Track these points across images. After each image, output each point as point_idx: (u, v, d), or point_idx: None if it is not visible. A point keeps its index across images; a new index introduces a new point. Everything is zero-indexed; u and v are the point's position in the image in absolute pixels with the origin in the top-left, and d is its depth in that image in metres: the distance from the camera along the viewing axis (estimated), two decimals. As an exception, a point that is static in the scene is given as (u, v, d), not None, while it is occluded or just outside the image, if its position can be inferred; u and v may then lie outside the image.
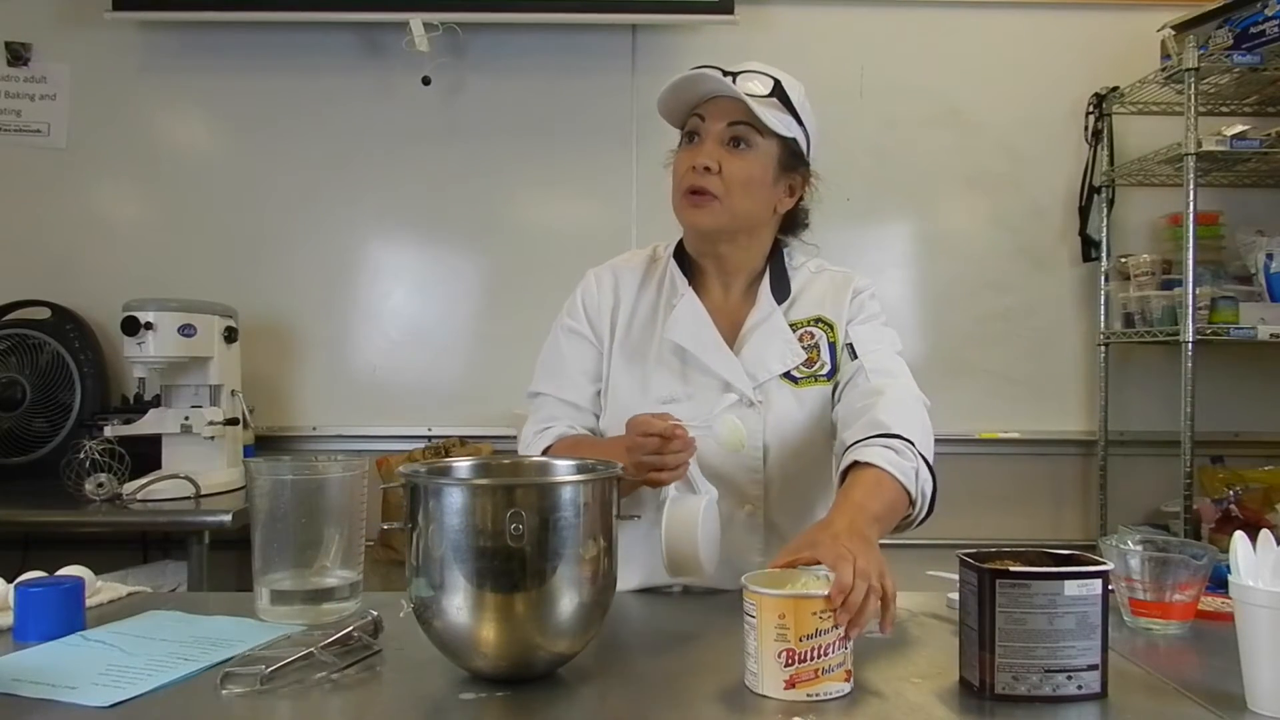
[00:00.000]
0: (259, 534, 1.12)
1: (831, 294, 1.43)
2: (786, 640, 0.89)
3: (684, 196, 1.35)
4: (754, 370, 1.36)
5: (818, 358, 1.39)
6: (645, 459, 1.15)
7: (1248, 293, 2.51)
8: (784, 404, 1.36)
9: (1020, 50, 2.85)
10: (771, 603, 0.90)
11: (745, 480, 1.35)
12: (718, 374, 1.36)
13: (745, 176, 1.33)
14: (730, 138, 1.33)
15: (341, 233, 2.85)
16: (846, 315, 1.41)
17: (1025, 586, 0.89)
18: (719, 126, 1.33)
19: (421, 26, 2.65)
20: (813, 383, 1.38)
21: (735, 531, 1.34)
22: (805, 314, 1.41)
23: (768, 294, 1.41)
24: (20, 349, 2.60)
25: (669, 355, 1.38)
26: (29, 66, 2.83)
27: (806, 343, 1.39)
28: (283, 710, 0.88)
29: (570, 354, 1.45)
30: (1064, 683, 0.89)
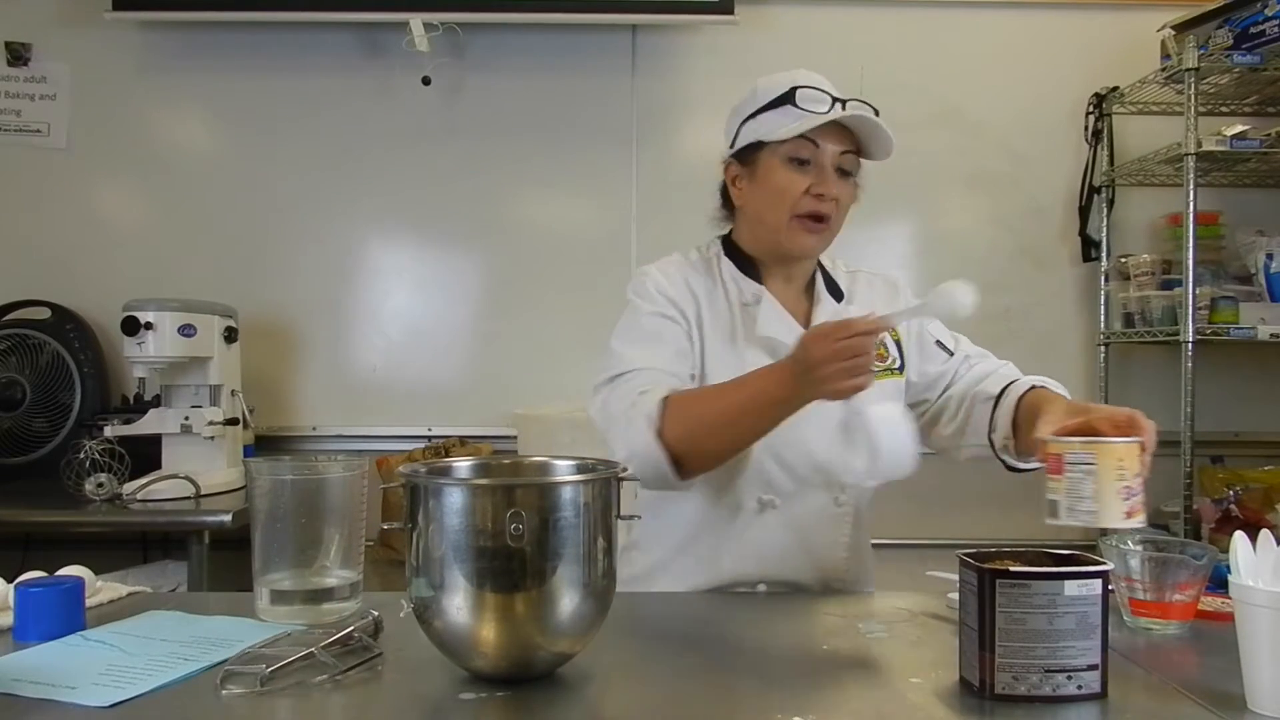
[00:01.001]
0: (259, 534, 1.12)
1: (882, 295, 1.51)
2: (1124, 479, 1.02)
3: (798, 220, 1.37)
4: None
5: (886, 354, 1.45)
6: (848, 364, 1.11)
7: (1248, 293, 2.51)
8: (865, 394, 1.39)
9: (1020, 50, 2.85)
10: (1114, 449, 1.03)
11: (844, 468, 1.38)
12: None
13: (849, 202, 1.40)
14: (839, 165, 1.37)
15: (341, 233, 2.85)
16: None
17: (1025, 586, 0.89)
18: (835, 154, 1.36)
19: (421, 26, 2.65)
20: (888, 375, 1.44)
21: (824, 523, 1.42)
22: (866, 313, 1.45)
23: (825, 293, 1.47)
24: (20, 349, 2.60)
25: (761, 352, 1.39)
26: (29, 66, 2.83)
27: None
28: (283, 710, 0.88)
29: (666, 333, 1.39)
30: (1064, 683, 0.89)
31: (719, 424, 1.25)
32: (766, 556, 1.39)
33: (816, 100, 1.35)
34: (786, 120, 1.35)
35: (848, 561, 1.43)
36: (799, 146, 1.36)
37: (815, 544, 1.41)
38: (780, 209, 1.37)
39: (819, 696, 0.92)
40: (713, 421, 1.25)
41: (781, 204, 1.37)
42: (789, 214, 1.37)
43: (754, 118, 1.39)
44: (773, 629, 1.16)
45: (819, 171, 1.36)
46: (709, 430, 1.25)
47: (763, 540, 1.39)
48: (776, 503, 1.39)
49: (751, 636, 1.13)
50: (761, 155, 1.39)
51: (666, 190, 2.77)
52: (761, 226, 1.42)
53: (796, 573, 1.40)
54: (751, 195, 1.42)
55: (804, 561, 1.40)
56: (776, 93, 1.38)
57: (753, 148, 1.40)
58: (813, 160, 1.36)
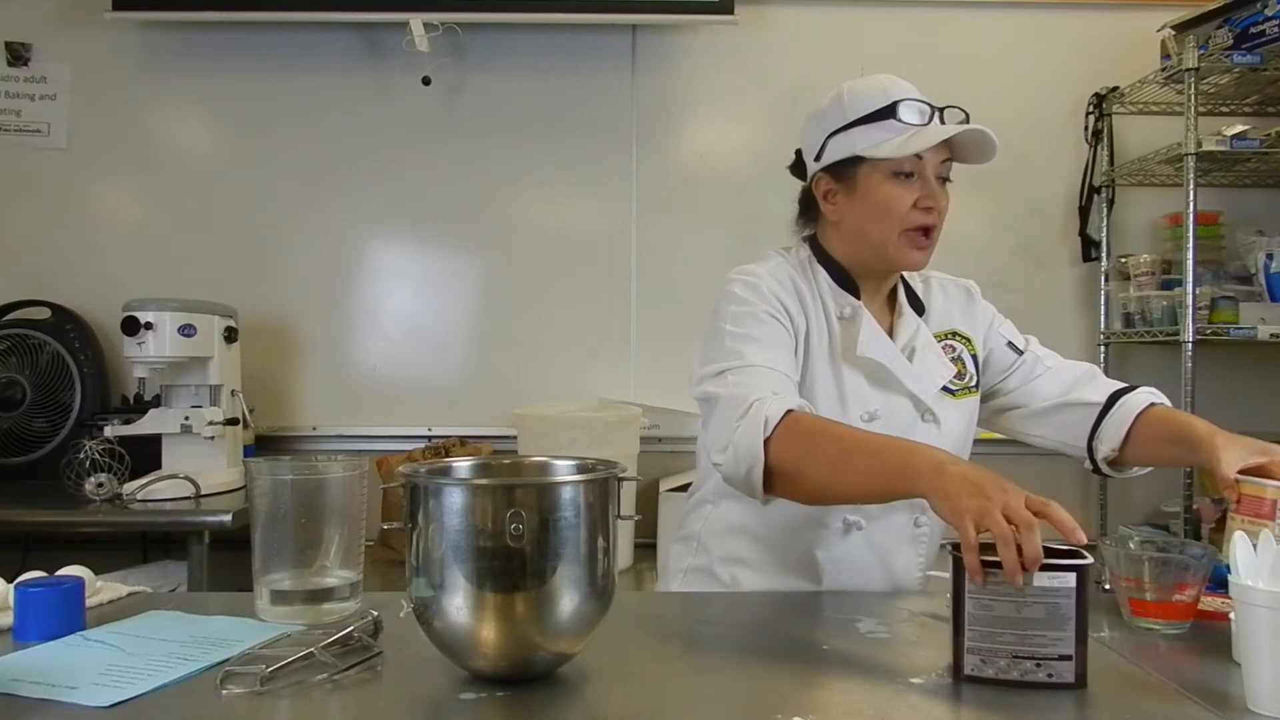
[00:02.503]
0: (259, 534, 1.12)
1: (959, 305, 1.49)
2: None
3: (908, 234, 1.35)
4: (925, 385, 1.38)
5: (965, 369, 1.44)
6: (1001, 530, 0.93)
7: (1248, 293, 2.51)
8: (950, 416, 1.40)
9: (1020, 50, 2.85)
10: None
11: None
12: (909, 389, 1.37)
13: (947, 207, 1.38)
14: (940, 175, 1.36)
15: (341, 233, 2.85)
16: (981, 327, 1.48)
17: (992, 574, 0.92)
18: (936, 164, 1.35)
19: (421, 26, 2.65)
20: (967, 394, 1.43)
21: (903, 543, 1.40)
22: (941, 327, 1.46)
23: (907, 305, 1.45)
24: (20, 349, 2.60)
25: (857, 370, 1.37)
26: (29, 66, 2.83)
27: (950, 355, 1.43)
28: (283, 710, 0.88)
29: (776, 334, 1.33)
30: (1032, 669, 0.91)
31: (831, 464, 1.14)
32: (844, 574, 1.38)
33: (919, 113, 1.33)
34: (890, 135, 1.32)
35: (921, 582, 1.42)
36: (904, 161, 1.33)
37: (893, 563, 1.39)
38: (888, 224, 1.34)
39: (819, 696, 0.92)
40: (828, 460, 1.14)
41: (889, 219, 1.34)
42: (898, 229, 1.34)
43: (845, 130, 1.35)
44: (773, 629, 1.16)
45: (924, 184, 1.33)
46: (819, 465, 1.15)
47: (843, 558, 1.38)
48: (862, 524, 1.37)
49: (751, 636, 1.13)
50: (861, 170, 1.35)
51: (666, 190, 2.76)
52: (863, 241, 1.38)
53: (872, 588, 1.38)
54: (851, 210, 1.37)
55: (881, 579, 1.39)
56: (873, 105, 1.34)
57: (849, 162, 1.36)
58: (917, 172, 1.33)
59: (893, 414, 1.36)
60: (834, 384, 1.35)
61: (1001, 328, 1.50)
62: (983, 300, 1.53)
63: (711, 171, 2.79)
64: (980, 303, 1.52)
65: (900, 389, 1.37)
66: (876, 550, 1.38)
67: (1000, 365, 1.49)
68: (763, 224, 2.95)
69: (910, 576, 1.41)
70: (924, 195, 1.33)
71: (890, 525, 1.39)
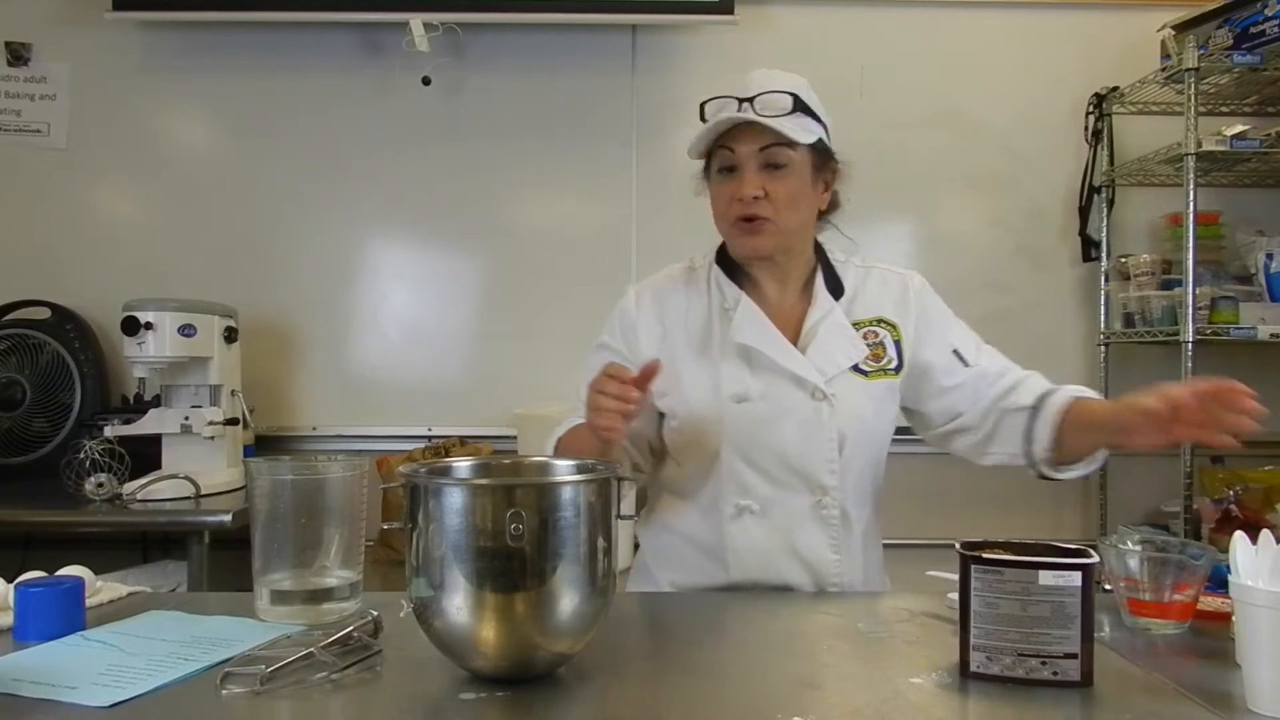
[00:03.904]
0: (259, 534, 1.12)
1: (892, 296, 1.49)
2: None
3: (734, 225, 1.40)
4: (823, 365, 1.40)
5: (884, 353, 1.45)
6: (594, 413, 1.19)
7: (1248, 293, 2.51)
8: (855, 396, 1.41)
9: (1020, 50, 2.85)
10: None
11: (820, 472, 1.39)
12: (788, 370, 1.39)
13: (788, 194, 1.38)
14: (765, 162, 1.37)
15: (341, 233, 2.85)
16: (912, 319, 1.48)
17: (999, 573, 0.93)
18: (752, 153, 1.37)
19: (421, 26, 2.65)
20: (882, 375, 1.44)
21: (809, 525, 1.41)
22: (867, 314, 1.47)
23: (824, 292, 1.46)
24: (20, 349, 2.60)
25: (735, 357, 1.41)
26: (29, 66, 2.83)
27: (871, 340, 1.45)
28: (283, 710, 0.88)
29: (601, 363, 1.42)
30: (1038, 667, 0.92)
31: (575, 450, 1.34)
32: (753, 562, 1.40)
33: (721, 107, 1.38)
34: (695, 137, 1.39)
35: (840, 564, 1.42)
36: (723, 156, 1.39)
37: (802, 547, 1.40)
38: (721, 219, 1.43)
39: (819, 696, 0.92)
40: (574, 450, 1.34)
41: (719, 215, 1.42)
42: (728, 222, 1.41)
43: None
44: (773, 629, 1.16)
45: (739, 176, 1.38)
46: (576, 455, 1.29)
47: (747, 546, 1.40)
48: (754, 508, 1.39)
49: (751, 636, 1.13)
50: (710, 172, 1.44)
51: (666, 190, 2.76)
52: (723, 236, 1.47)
53: (787, 577, 1.40)
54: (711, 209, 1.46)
55: (793, 565, 1.40)
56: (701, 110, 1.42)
57: (704, 167, 1.46)
58: (737, 165, 1.38)
59: (776, 394, 1.39)
60: (705, 373, 1.41)
61: (953, 334, 1.49)
62: (927, 297, 1.52)
63: (711, 171, 2.79)
64: (924, 299, 1.51)
65: (782, 370, 1.40)
66: (780, 535, 1.40)
67: (942, 372, 1.46)
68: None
69: (823, 559, 1.41)
70: (735, 187, 1.38)
71: (789, 507, 1.40)
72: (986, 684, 0.93)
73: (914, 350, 1.47)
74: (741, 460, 1.39)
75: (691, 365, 1.43)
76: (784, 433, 1.38)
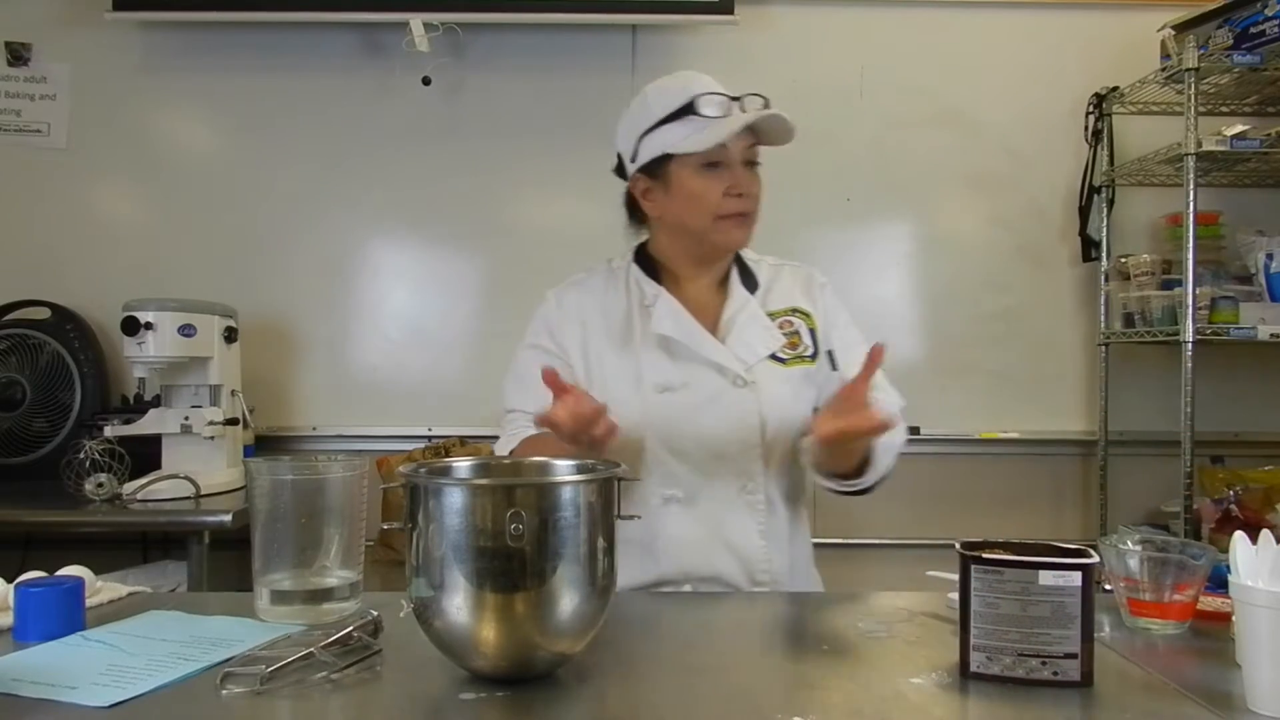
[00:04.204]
0: (259, 534, 1.12)
1: (801, 288, 1.54)
2: None
3: (724, 219, 1.42)
4: (742, 354, 1.44)
5: (800, 341, 1.49)
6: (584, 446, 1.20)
7: (1248, 293, 2.51)
8: (774, 383, 1.44)
9: (1020, 50, 2.85)
10: None
11: (745, 457, 1.42)
12: (709, 359, 1.43)
13: (760, 192, 1.45)
14: (747, 160, 1.43)
15: (341, 233, 2.85)
16: (821, 309, 1.52)
17: (999, 573, 0.93)
18: (740, 151, 1.41)
19: (421, 27, 2.65)
20: (799, 362, 1.47)
21: (736, 513, 1.43)
22: (782, 305, 1.51)
23: (739, 286, 1.51)
24: (20, 349, 2.60)
25: (656, 349, 1.45)
26: (29, 66, 2.83)
27: (787, 330, 1.49)
28: (283, 710, 0.88)
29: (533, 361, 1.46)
30: (1038, 668, 0.92)
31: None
32: (684, 553, 1.41)
33: (717, 105, 1.39)
34: (692, 130, 1.38)
35: (766, 551, 1.43)
36: (710, 152, 1.40)
37: (730, 535, 1.42)
38: (702, 214, 1.42)
39: (819, 696, 0.92)
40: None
41: (703, 209, 1.42)
42: (712, 217, 1.42)
43: (654, 130, 1.42)
44: (773, 629, 1.16)
45: (731, 172, 1.41)
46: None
47: (676, 536, 1.41)
48: (680, 496, 1.41)
49: (751, 636, 1.13)
50: (672, 167, 1.42)
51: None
52: (684, 232, 1.46)
53: (717, 567, 1.41)
54: (669, 205, 1.46)
55: (723, 554, 1.42)
56: (675, 103, 1.41)
57: (661, 160, 1.43)
58: (723, 162, 1.41)
59: (699, 383, 1.42)
60: (628, 365, 1.44)
61: (833, 336, 1.51)
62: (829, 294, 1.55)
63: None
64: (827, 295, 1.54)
65: (703, 359, 1.43)
66: (709, 523, 1.41)
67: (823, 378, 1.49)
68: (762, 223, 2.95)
69: (751, 546, 1.42)
70: (732, 184, 1.41)
71: (716, 495, 1.42)
72: (986, 684, 0.93)
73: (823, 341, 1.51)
74: (667, 450, 1.41)
75: (613, 359, 1.46)
76: (707, 420, 1.41)
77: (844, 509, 2.79)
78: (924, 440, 2.81)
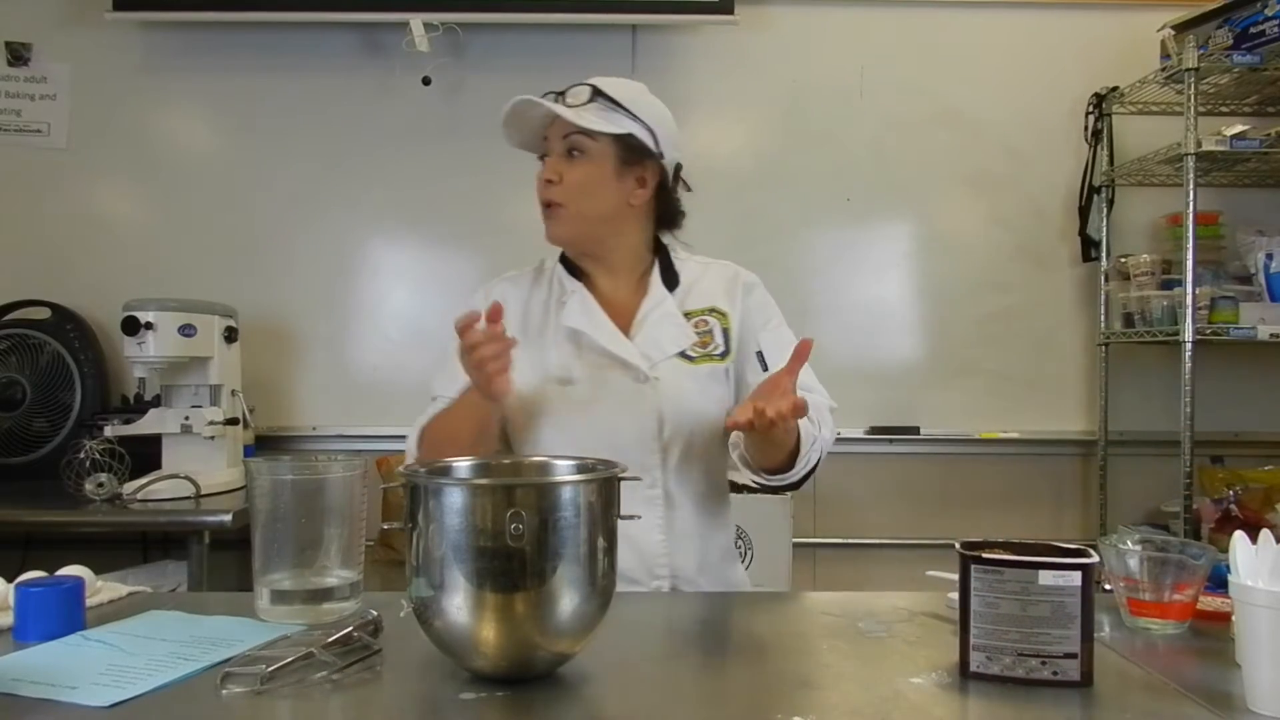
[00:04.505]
0: (259, 534, 1.12)
1: (723, 287, 1.54)
2: None
3: (541, 211, 1.48)
4: (649, 351, 1.46)
5: (712, 340, 1.50)
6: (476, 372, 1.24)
7: (1248, 293, 2.52)
8: (678, 380, 1.46)
9: (1020, 50, 2.86)
10: None
11: (641, 450, 1.42)
12: (612, 353, 1.45)
13: (582, 180, 1.46)
14: (567, 149, 1.47)
15: (341, 233, 2.85)
16: (740, 309, 1.52)
17: (999, 573, 0.93)
18: (557, 142, 1.47)
19: (421, 26, 2.65)
20: (707, 360, 1.48)
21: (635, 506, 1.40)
22: (700, 304, 1.52)
23: (659, 285, 1.52)
24: (20, 349, 2.60)
25: (565, 341, 1.48)
26: (29, 66, 2.83)
27: (701, 329, 1.50)
28: (283, 710, 0.88)
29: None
30: (1038, 667, 0.92)
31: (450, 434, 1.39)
32: None
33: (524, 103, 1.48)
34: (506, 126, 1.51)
35: (665, 546, 1.42)
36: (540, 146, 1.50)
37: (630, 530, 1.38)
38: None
39: (819, 696, 0.92)
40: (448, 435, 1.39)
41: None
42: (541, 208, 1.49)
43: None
44: (772, 629, 1.16)
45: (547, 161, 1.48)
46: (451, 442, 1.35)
47: None
48: None
49: (751, 636, 1.13)
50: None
51: (666, 190, 2.76)
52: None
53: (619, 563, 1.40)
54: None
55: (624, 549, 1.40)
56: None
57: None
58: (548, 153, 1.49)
59: (601, 377, 1.45)
60: (536, 358, 1.47)
61: (764, 336, 1.51)
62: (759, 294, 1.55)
63: (711, 171, 2.79)
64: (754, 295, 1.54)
65: (607, 354, 1.45)
66: None
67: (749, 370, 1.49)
68: (763, 223, 2.96)
69: (649, 540, 1.42)
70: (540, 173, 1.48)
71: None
72: (986, 684, 0.93)
73: (740, 340, 1.51)
74: (566, 442, 1.41)
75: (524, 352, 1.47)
76: (604, 413, 1.42)
77: (844, 509, 2.80)
78: (924, 440, 2.82)
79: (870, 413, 2.80)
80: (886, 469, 2.82)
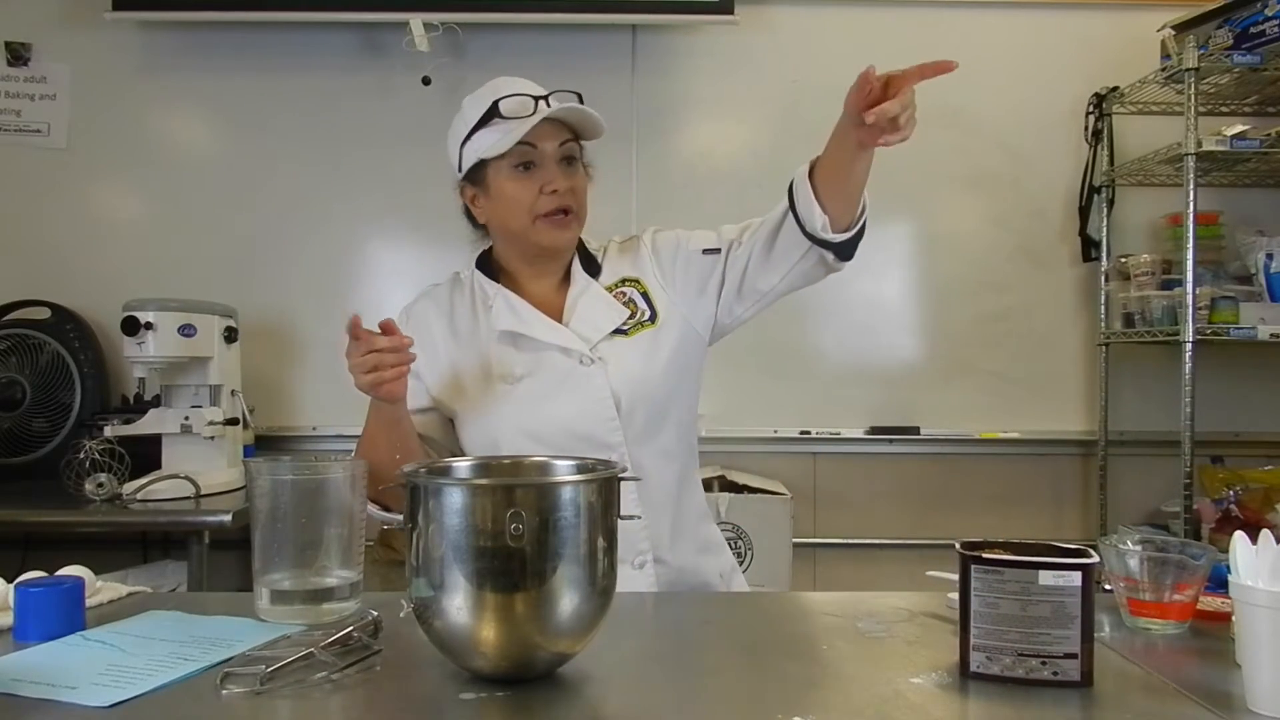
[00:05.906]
0: (259, 534, 1.12)
1: (629, 259, 1.55)
2: None
3: (544, 219, 1.44)
4: (587, 334, 1.46)
5: (636, 308, 1.50)
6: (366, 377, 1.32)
7: (1248, 293, 2.52)
8: (621, 355, 1.46)
9: (1020, 50, 2.86)
10: None
11: (603, 430, 1.43)
12: (552, 344, 1.45)
13: (583, 188, 1.47)
14: (565, 156, 1.44)
15: (341, 233, 2.85)
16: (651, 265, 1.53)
17: (999, 573, 0.93)
18: (553, 149, 1.43)
19: (421, 26, 2.65)
20: (640, 328, 1.49)
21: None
22: (613, 279, 1.53)
23: (580, 271, 1.53)
24: (20, 349, 2.60)
25: (501, 343, 1.48)
26: (29, 66, 2.83)
27: (623, 300, 1.51)
28: (283, 710, 0.88)
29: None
30: (1038, 668, 0.92)
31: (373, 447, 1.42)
32: None
33: (520, 105, 1.41)
34: (496, 135, 1.41)
35: (648, 529, 1.43)
36: (520, 153, 1.41)
37: None
38: (521, 215, 1.44)
39: (819, 696, 0.92)
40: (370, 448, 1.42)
41: (520, 211, 1.43)
42: (531, 218, 1.43)
43: (469, 138, 1.44)
44: (773, 629, 1.16)
45: (545, 171, 1.42)
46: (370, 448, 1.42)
47: None
48: None
49: (751, 636, 1.13)
50: (488, 172, 1.45)
51: (666, 190, 2.76)
52: (510, 234, 1.48)
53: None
54: (492, 210, 1.48)
55: None
56: (482, 109, 1.43)
57: (478, 167, 1.45)
58: (536, 161, 1.42)
59: (546, 368, 1.45)
60: (475, 364, 1.48)
61: (693, 244, 1.52)
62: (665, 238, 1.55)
63: (711, 171, 2.80)
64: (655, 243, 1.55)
65: (547, 345, 1.45)
66: None
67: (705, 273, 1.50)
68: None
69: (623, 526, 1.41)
70: (546, 181, 1.42)
71: None
72: (986, 684, 0.93)
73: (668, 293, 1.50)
74: (526, 437, 1.42)
75: (462, 359, 1.49)
76: (560, 402, 1.42)
77: (844, 509, 2.80)
78: (924, 440, 2.82)
79: (870, 413, 2.80)
80: (886, 469, 2.82)
